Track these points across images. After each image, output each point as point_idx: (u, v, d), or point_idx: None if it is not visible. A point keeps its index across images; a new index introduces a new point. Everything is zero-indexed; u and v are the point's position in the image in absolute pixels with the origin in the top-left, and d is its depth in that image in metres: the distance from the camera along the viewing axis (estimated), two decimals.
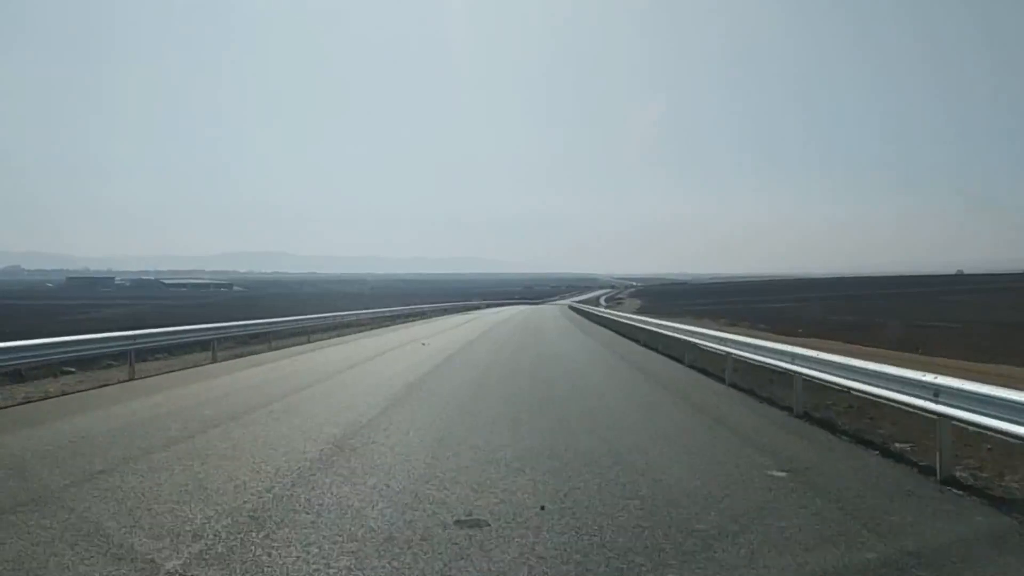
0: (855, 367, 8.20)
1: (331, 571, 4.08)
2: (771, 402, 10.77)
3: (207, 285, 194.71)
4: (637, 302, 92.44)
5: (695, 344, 16.03)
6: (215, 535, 4.65)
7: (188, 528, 4.80)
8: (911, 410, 7.38)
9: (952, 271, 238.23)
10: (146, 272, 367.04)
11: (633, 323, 26.84)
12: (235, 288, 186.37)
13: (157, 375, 14.72)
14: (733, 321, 40.73)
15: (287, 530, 4.78)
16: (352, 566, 4.14)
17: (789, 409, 9.86)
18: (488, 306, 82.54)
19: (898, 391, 7.07)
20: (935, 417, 6.44)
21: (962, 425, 6.35)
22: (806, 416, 9.46)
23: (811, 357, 9.43)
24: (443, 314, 54.37)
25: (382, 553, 4.34)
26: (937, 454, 6.41)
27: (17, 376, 12.81)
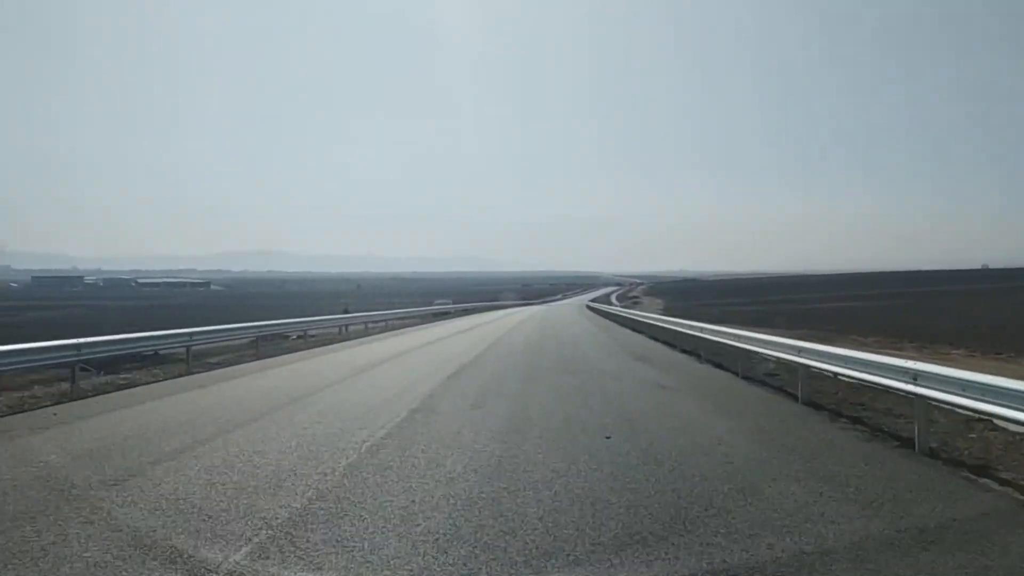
0: None
1: None
2: None
3: (182, 284, 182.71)
4: (658, 301, 79.85)
5: None
6: None
7: None
8: None
9: (976, 266, 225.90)
10: (138, 272, 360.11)
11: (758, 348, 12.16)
12: (212, 287, 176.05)
13: None
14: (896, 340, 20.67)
15: None
16: None
17: None
18: (466, 312, 56.54)
19: None
20: None
21: None
22: None
23: None
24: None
25: None
26: None
27: None
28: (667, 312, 39.31)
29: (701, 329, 16.63)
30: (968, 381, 5.88)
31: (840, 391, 10.13)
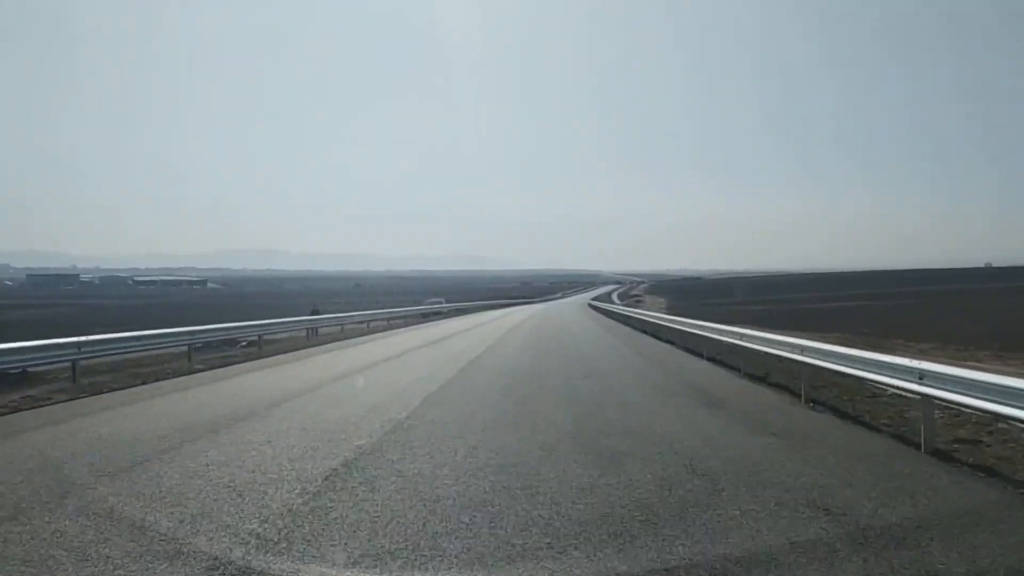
0: None
1: None
2: None
3: (179, 283, 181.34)
4: (661, 300, 78.07)
5: None
6: None
7: None
8: None
9: (979, 265, 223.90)
10: (137, 270, 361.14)
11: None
12: (209, 285, 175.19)
13: None
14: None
15: None
16: None
17: None
18: (459, 311, 51.76)
19: None
20: None
21: None
22: None
23: None
24: None
25: None
26: None
27: None
28: (671, 311, 37.52)
29: (802, 350, 9.59)
30: None
31: None
